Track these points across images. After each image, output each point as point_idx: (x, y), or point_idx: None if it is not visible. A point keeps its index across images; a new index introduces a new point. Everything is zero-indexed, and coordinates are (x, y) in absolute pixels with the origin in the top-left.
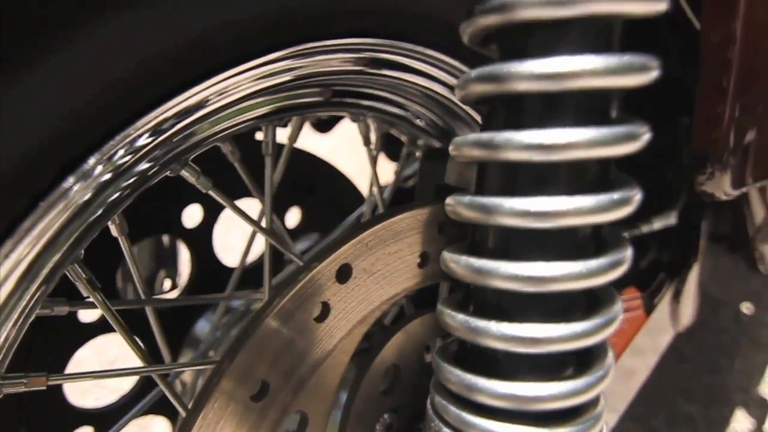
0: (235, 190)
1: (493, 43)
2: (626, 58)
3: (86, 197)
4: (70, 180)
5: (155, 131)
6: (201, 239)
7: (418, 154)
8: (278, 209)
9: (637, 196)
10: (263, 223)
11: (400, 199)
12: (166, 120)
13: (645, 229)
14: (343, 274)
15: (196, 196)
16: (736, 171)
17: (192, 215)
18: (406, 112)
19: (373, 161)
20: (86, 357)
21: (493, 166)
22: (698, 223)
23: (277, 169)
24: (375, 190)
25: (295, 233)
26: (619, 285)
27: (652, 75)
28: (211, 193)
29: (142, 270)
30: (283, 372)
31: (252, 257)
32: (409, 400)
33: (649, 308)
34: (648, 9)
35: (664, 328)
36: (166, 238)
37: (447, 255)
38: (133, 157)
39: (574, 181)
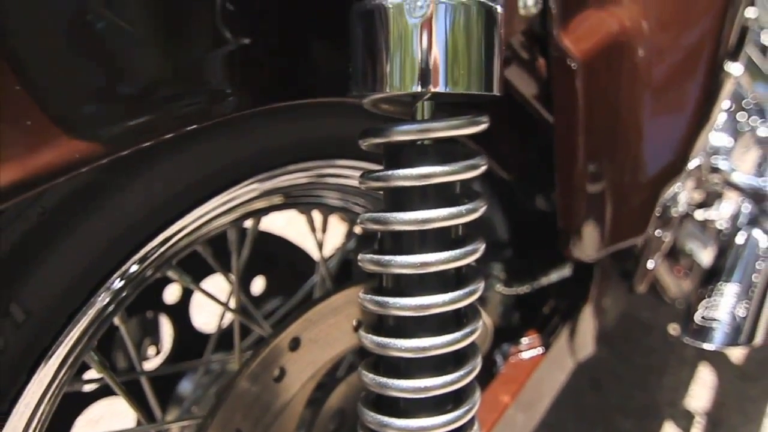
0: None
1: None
2: (463, 164)
3: (105, 303)
4: (99, 295)
5: (157, 247)
6: (180, 313)
7: (358, 231)
8: (246, 278)
9: (481, 247)
10: (232, 303)
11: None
12: (166, 239)
13: (544, 281)
14: (294, 344)
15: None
16: (595, 238)
17: (172, 293)
18: (346, 203)
19: (319, 245)
20: None
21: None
22: (591, 272)
23: (243, 253)
24: (323, 269)
25: (262, 297)
26: (522, 329)
27: (482, 169)
28: (191, 286)
29: (132, 341)
30: (252, 421)
31: (226, 320)
32: None
33: (548, 346)
34: (473, 131)
35: (562, 360)
36: (150, 313)
37: (361, 332)
38: (140, 267)
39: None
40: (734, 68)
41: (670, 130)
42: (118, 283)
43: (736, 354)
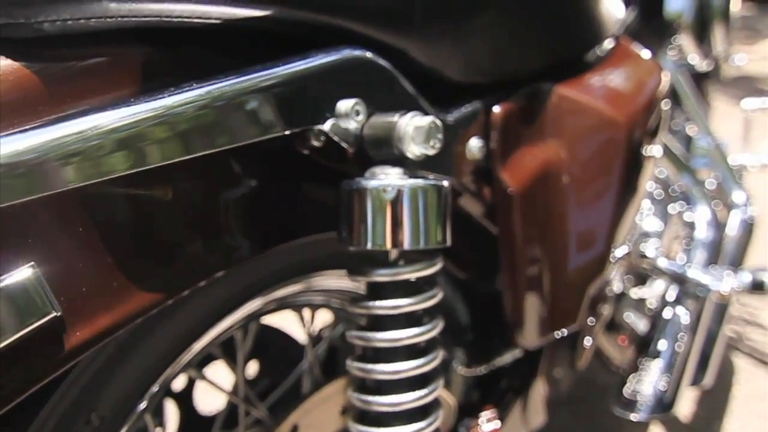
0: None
1: None
2: (423, 296)
3: (145, 405)
4: (144, 400)
5: (186, 357)
6: (186, 398)
7: (340, 326)
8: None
9: (439, 355)
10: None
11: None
12: (192, 350)
13: (499, 362)
14: (294, 431)
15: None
16: (534, 328)
17: (179, 381)
18: (327, 300)
19: (309, 337)
20: None
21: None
22: (539, 352)
23: (245, 346)
24: (311, 356)
25: (256, 380)
26: (482, 404)
27: (438, 298)
28: (204, 379)
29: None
30: None
31: (225, 401)
32: None
33: (504, 419)
34: (430, 272)
35: (518, 430)
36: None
37: (349, 423)
38: (172, 373)
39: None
40: (654, 149)
41: (592, 235)
42: (155, 388)
43: (684, 413)
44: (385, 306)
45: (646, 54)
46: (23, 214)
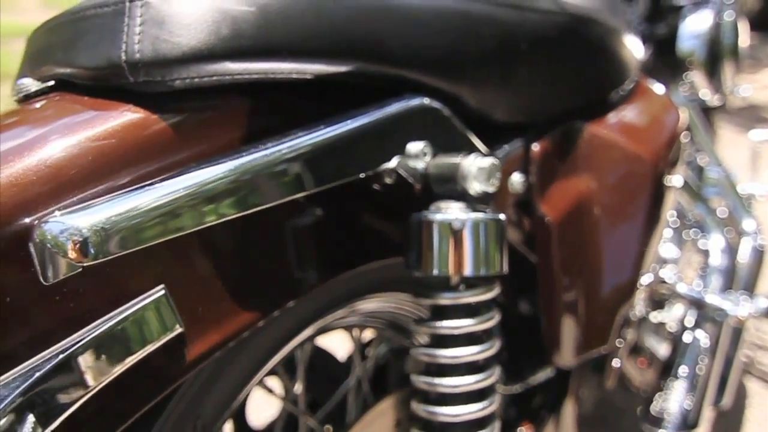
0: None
1: None
2: (482, 317)
3: (225, 417)
4: (226, 413)
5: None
6: (239, 411)
7: (382, 346)
8: (290, 378)
9: (496, 372)
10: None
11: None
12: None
13: (533, 381)
14: None
15: None
16: (570, 349)
17: None
18: (364, 321)
19: (360, 354)
20: None
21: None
22: (570, 372)
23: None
24: (359, 371)
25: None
26: (518, 422)
27: (495, 320)
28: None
29: None
30: None
31: (274, 414)
32: None
33: None
34: (488, 297)
35: None
36: None
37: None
38: (249, 386)
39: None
40: (674, 180)
41: (623, 261)
42: (234, 405)
43: None
44: (448, 326)
45: (662, 91)
46: (155, 246)
